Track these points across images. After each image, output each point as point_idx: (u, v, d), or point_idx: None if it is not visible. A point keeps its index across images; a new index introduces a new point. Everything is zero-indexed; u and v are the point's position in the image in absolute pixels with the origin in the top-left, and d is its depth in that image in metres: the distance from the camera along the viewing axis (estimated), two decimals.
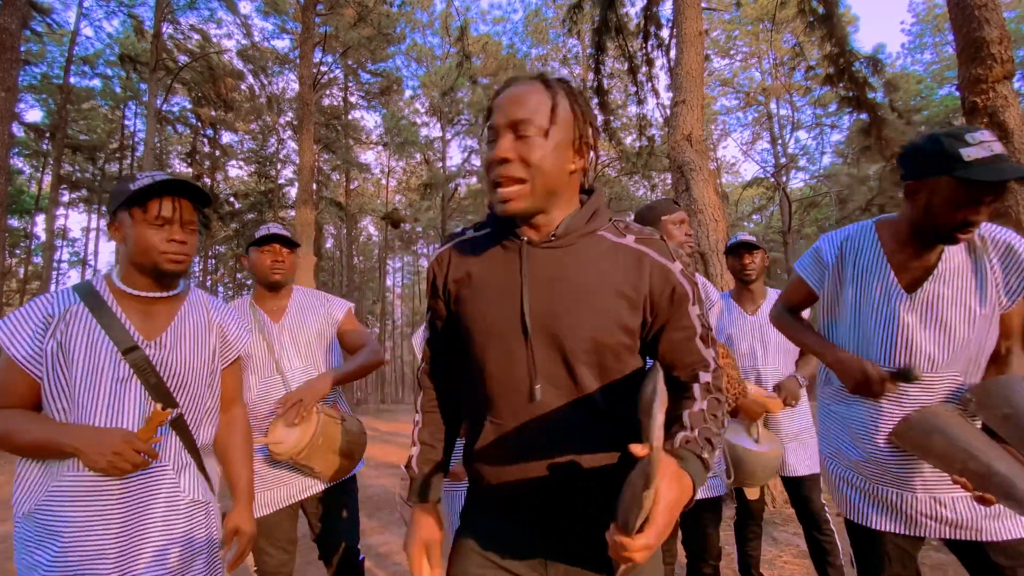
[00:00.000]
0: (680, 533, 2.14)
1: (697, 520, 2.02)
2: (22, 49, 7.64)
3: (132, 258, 1.22)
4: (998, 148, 1.17)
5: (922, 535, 1.34)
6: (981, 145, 1.17)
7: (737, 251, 2.50)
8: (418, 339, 1.88)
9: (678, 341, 0.93)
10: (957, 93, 3.98)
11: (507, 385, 0.93)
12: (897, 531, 1.36)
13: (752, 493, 2.29)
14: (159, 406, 1.16)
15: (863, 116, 8.14)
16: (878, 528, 1.38)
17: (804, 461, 2.34)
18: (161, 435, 1.20)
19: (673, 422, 0.88)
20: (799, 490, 2.34)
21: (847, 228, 1.50)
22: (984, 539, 1.28)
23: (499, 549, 0.98)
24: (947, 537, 1.32)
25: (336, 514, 2.01)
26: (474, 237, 1.02)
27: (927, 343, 1.32)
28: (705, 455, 0.82)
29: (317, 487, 1.96)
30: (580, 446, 0.92)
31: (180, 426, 1.26)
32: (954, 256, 1.33)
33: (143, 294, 1.25)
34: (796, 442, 2.35)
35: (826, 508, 2.32)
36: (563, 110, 0.89)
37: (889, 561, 1.37)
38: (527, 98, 0.88)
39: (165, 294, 1.28)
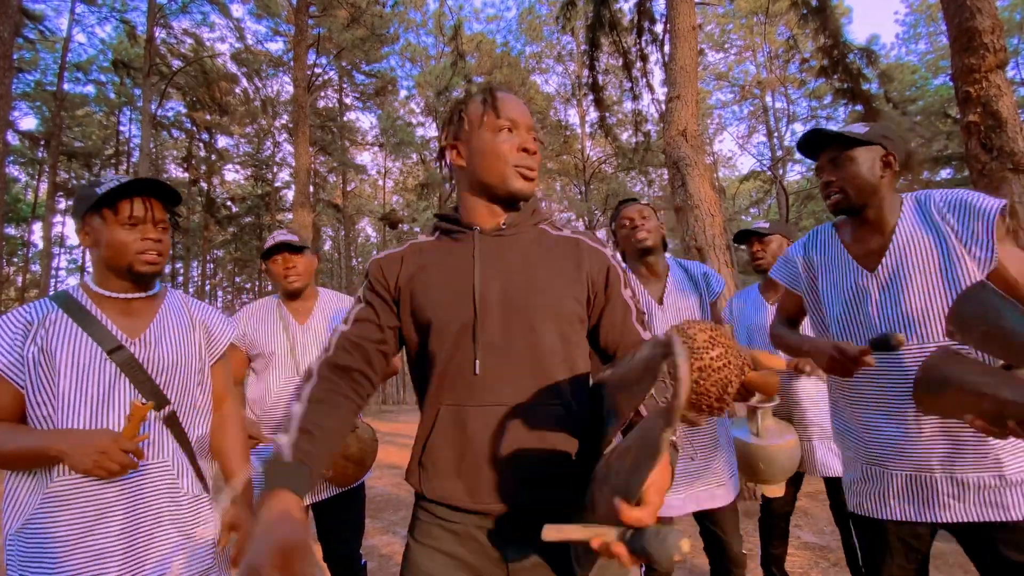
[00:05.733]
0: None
1: (715, 525, 1.90)
2: (15, 57, 7.61)
3: (106, 261, 1.20)
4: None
5: (924, 520, 1.29)
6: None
7: (746, 239, 2.40)
8: None
9: (619, 319, 1.02)
10: (951, 83, 3.97)
11: (460, 363, 0.93)
12: (899, 519, 1.32)
13: (773, 491, 2.12)
14: (139, 401, 1.14)
15: (858, 108, 8.14)
16: (881, 517, 1.35)
17: (839, 461, 2.09)
18: (147, 432, 1.18)
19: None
20: (839, 494, 2.15)
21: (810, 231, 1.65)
22: (997, 519, 1.21)
23: (458, 551, 0.93)
24: (954, 521, 1.26)
25: (343, 519, 2.02)
26: (425, 241, 1.10)
27: (901, 314, 1.33)
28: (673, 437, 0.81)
29: (328, 492, 1.96)
30: (541, 423, 0.92)
31: (173, 423, 1.24)
32: (905, 228, 1.38)
33: (121, 296, 1.24)
34: (830, 439, 2.15)
35: None
36: None
37: (892, 552, 1.35)
38: (526, 108, 1.05)
39: (143, 294, 1.27)
